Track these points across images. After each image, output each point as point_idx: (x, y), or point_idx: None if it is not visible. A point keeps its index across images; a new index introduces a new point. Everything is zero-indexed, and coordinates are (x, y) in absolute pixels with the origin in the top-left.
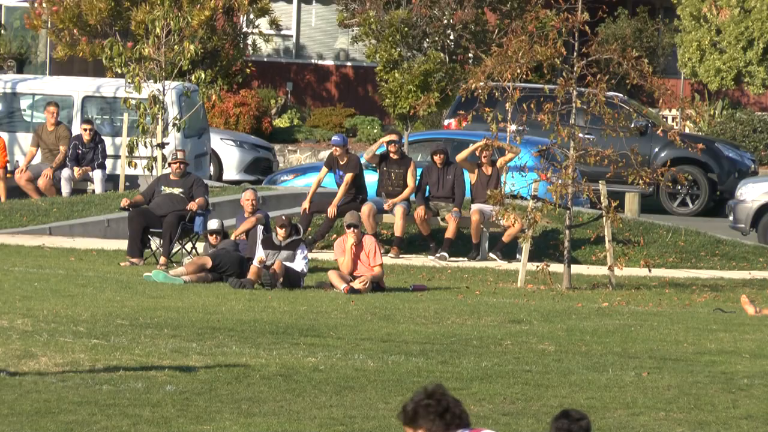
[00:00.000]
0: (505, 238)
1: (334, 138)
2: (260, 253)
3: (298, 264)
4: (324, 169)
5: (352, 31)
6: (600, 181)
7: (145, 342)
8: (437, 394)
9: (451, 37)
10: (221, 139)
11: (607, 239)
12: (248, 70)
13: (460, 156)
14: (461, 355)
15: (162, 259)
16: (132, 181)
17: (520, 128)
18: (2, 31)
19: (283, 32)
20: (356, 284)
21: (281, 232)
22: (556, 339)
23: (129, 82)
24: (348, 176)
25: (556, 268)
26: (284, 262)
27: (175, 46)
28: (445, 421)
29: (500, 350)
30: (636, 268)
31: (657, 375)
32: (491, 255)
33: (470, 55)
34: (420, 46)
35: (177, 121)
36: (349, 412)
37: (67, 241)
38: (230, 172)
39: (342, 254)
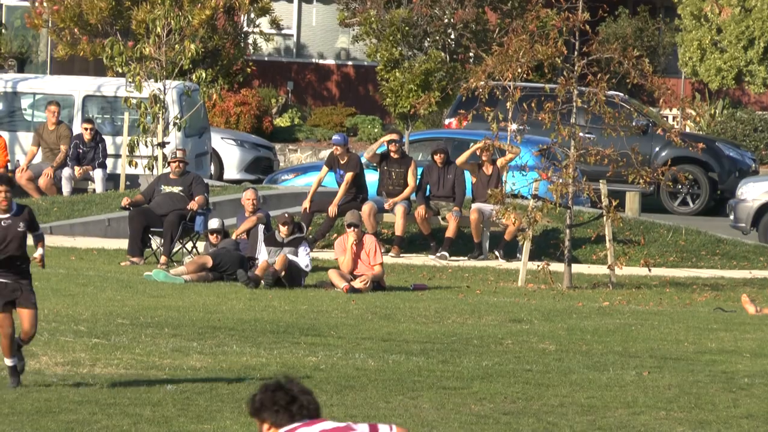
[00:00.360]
0: (507, 236)
1: (335, 137)
2: (263, 253)
3: (302, 259)
4: (324, 169)
5: (353, 30)
6: (600, 181)
7: (145, 341)
8: (283, 386)
9: (452, 37)
10: (222, 138)
11: (607, 238)
12: (249, 70)
13: (460, 159)
14: (462, 355)
15: (163, 259)
16: (133, 180)
17: (521, 127)
18: (3, 31)
19: (283, 31)
20: (357, 283)
21: (284, 229)
22: (557, 338)
23: (130, 82)
24: (348, 175)
25: (557, 267)
26: (288, 255)
27: (176, 46)
28: (291, 413)
29: (501, 349)
30: (636, 267)
31: (658, 374)
32: (496, 253)
33: (471, 54)
34: (421, 46)
35: (178, 121)
36: (350, 411)
37: (67, 241)
38: (231, 172)
39: (342, 253)
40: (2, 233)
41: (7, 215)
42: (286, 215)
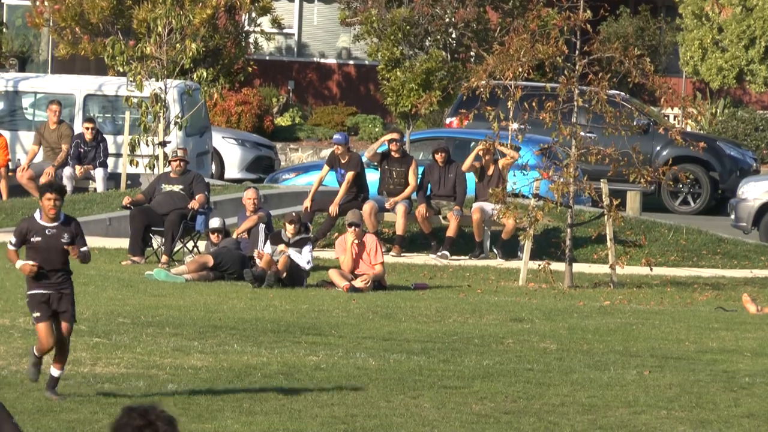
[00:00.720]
0: (504, 236)
1: (336, 136)
2: (267, 249)
3: (305, 256)
4: (325, 168)
5: (354, 29)
6: (602, 180)
7: (146, 340)
8: (136, 413)
9: (453, 36)
10: (223, 137)
11: (608, 238)
12: (250, 69)
13: (465, 165)
14: (463, 354)
15: (164, 258)
16: (134, 179)
17: (522, 127)
18: (4, 30)
19: (285, 30)
20: (357, 283)
21: (290, 228)
22: (558, 337)
23: (131, 81)
24: (349, 175)
25: (558, 266)
26: (291, 256)
27: (177, 45)
28: None
29: (502, 349)
30: (637, 266)
31: (659, 373)
32: (495, 250)
33: (472, 53)
34: (422, 45)
35: (179, 120)
36: (351, 411)
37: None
38: (232, 171)
39: (343, 252)
40: (46, 242)
41: (54, 224)
42: (294, 214)
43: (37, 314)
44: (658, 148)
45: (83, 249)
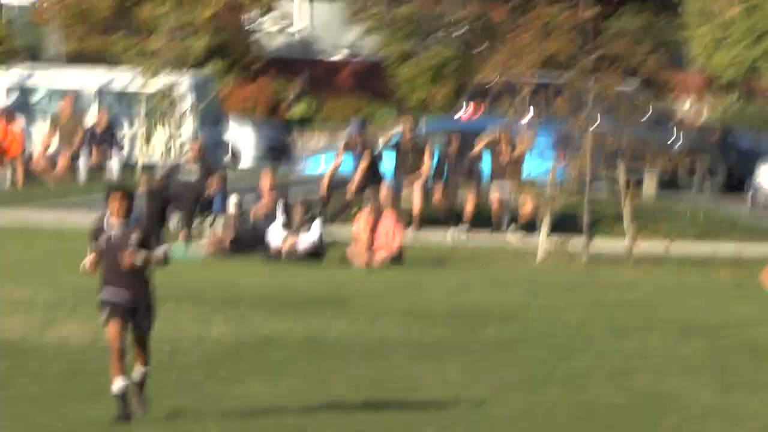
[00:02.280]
0: (522, 219)
1: (352, 123)
2: (276, 236)
3: (315, 232)
4: (341, 154)
5: (365, 24)
6: (618, 161)
7: (168, 311)
8: None
9: (463, 31)
10: (238, 126)
11: (626, 215)
12: (261, 64)
13: (474, 152)
14: (486, 324)
15: (182, 233)
16: (149, 169)
17: (533, 119)
18: (16, 26)
19: (295, 26)
20: (376, 259)
21: (298, 211)
22: (579, 310)
23: (143, 74)
24: (365, 158)
25: (577, 242)
26: (304, 239)
27: (186, 40)
28: None
29: (524, 320)
30: (656, 243)
31: (681, 342)
32: (511, 230)
33: (483, 48)
34: (432, 39)
35: (193, 110)
36: (377, 375)
37: (87, 217)
38: (247, 159)
39: (362, 230)
40: (112, 244)
41: (120, 228)
42: (300, 198)
43: (102, 317)
44: (672, 139)
45: (143, 254)
